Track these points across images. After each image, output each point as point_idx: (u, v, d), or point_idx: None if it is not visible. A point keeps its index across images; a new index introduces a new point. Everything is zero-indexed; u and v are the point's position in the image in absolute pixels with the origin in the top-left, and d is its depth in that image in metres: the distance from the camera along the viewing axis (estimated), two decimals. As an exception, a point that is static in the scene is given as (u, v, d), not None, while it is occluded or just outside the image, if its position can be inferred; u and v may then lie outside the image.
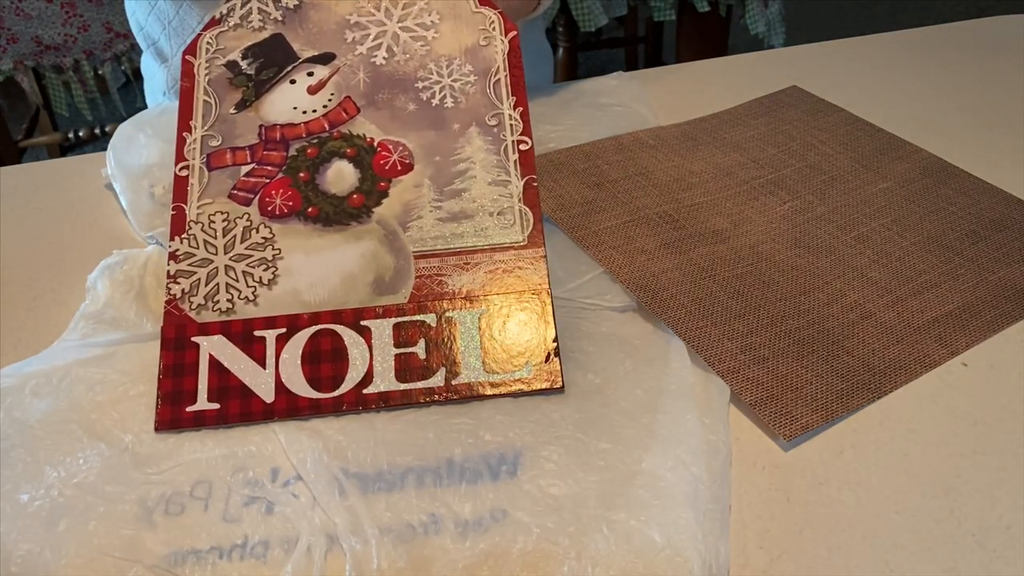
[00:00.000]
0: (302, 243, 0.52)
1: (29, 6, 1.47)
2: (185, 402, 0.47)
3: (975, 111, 0.79)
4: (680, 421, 0.47)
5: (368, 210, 0.53)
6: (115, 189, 0.68)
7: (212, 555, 0.41)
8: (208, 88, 0.57)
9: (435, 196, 0.53)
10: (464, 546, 0.41)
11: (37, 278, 0.61)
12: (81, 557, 0.40)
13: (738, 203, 0.65)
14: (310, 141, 0.55)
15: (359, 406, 0.47)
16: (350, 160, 0.54)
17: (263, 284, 0.51)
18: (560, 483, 0.44)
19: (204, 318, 0.50)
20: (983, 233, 0.62)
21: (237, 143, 0.55)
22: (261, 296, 0.50)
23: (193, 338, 0.49)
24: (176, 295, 0.50)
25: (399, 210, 0.53)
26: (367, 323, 0.50)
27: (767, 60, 0.89)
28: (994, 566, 0.41)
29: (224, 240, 0.52)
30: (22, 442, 0.45)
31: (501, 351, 0.49)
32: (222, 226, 0.52)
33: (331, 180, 0.54)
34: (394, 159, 0.54)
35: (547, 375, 0.49)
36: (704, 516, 0.42)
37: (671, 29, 1.79)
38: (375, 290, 0.51)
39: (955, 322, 0.54)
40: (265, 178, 0.54)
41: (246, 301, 0.50)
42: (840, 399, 0.49)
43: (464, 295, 0.51)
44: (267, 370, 0.48)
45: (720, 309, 0.55)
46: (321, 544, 0.41)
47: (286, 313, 0.50)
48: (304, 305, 0.50)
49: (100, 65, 1.60)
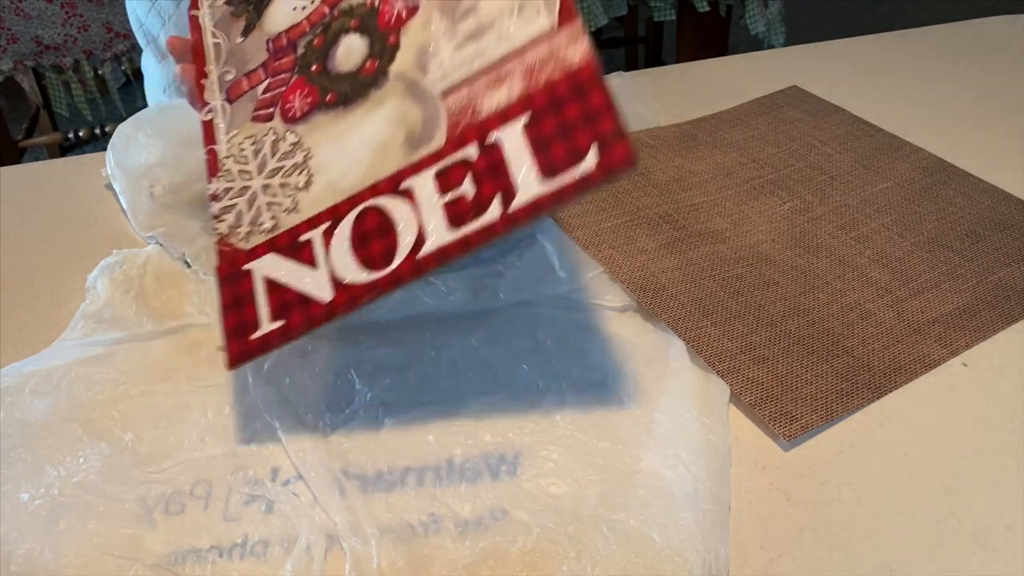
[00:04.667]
0: (328, 133, 0.50)
1: (29, 6, 1.47)
2: (249, 331, 0.46)
3: (975, 111, 0.79)
4: (680, 421, 0.47)
5: (383, 72, 0.49)
6: (115, 189, 0.68)
7: (212, 554, 0.41)
8: (215, 31, 0.56)
9: (447, 24, 0.48)
10: (464, 545, 0.41)
11: (37, 278, 0.61)
12: (81, 556, 0.41)
13: (738, 203, 0.65)
14: (315, 32, 0.53)
15: (417, 274, 0.43)
16: (356, 32, 0.52)
17: (300, 189, 0.48)
18: (560, 482, 0.44)
19: (253, 242, 0.48)
20: (983, 233, 0.62)
21: (250, 67, 0.54)
22: (301, 200, 0.48)
23: (244, 267, 0.48)
24: (223, 232, 0.49)
25: (414, 57, 0.48)
26: (407, 184, 0.45)
27: (767, 60, 0.89)
28: (994, 566, 0.41)
29: (256, 163, 0.51)
30: (22, 441, 0.46)
31: (554, 152, 0.41)
32: (251, 150, 0.51)
33: (341, 59, 0.51)
34: (398, 8, 0.50)
35: (612, 159, 0.40)
36: (703, 516, 0.42)
37: (671, 29, 1.79)
38: (409, 147, 0.46)
39: (955, 322, 0.54)
40: (282, 87, 0.52)
41: (288, 211, 0.48)
42: (840, 399, 0.49)
43: (504, 112, 0.44)
44: (319, 269, 0.46)
45: (720, 309, 0.55)
46: (321, 543, 0.41)
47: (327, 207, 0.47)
48: (345, 192, 0.47)
49: (100, 65, 1.60)
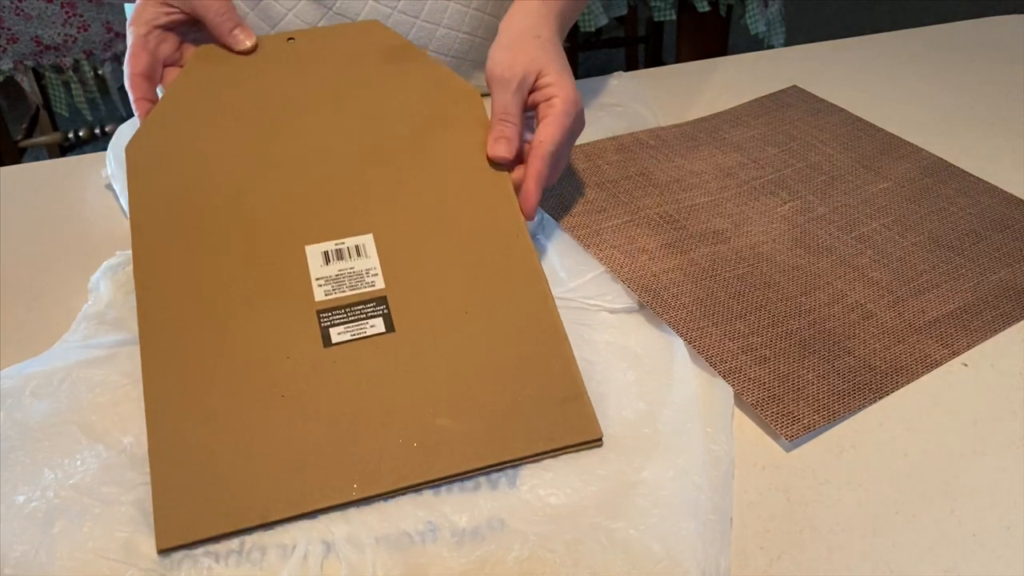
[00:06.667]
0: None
1: (29, 6, 1.47)
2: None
3: (975, 111, 0.79)
4: (682, 430, 0.46)
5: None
6: (115, 190, 0.67)
7: (207, 559, 0.40)
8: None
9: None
10: (460, 554, 0.40)
11: (37, 278, 0.61)
12: (76, 559, 0.40)
13: (739, 203, 0.65)
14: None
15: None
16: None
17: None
18: (559, 492, 0.43)
19: None
20: (984, 233, 0.62)
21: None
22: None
23: None
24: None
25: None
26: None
27: (767, 60, 0.89)
28: (994, 566, 0.41)
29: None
30: (21, 443, 0.45)
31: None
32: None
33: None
34: None
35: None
36: (704, 527, 0.41)
37: (671, 29, 1.79)
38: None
39: (956, 322, 0.54)
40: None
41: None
42: (842, 399, 0.49)
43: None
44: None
45: (721, 309, 0.55)
46: (318, 551, 0.41)
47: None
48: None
49: (100, 65, 1.60)
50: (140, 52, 0.58)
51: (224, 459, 0.43)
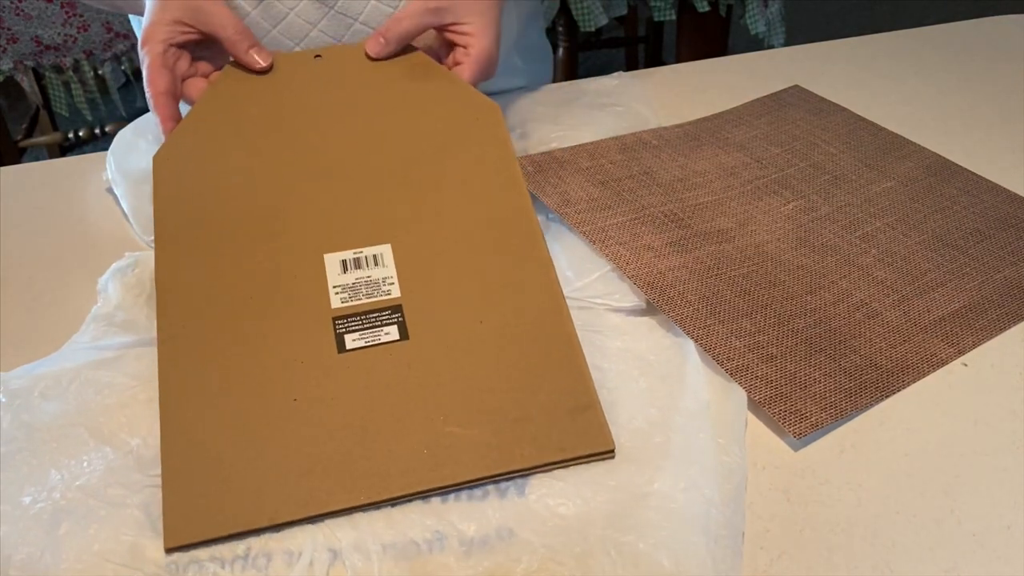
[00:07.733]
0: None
1: (29, 6, 1.46)
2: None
3: (976, 110, 0.79)
4: (694, 441, 0.45)
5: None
6: (116, 194, 0.67)
7: (213, 565, 0.40)
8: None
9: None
10: (467, 564, 0.40)
11: (37, 278, 0.61)
12: (81, 562, 0.40)
13: (743, 203, 0.65)
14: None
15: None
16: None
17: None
18: (568, 503, 0.42)
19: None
20: (988, 231, 0.62)
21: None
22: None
23: None
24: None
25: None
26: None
27: (767, 60, 0.89)
28: (994, 566, 0.41)
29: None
30: (28, 445, 0.45)
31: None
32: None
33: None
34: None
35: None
36: (715, 542, 0.40)
37: (671, 29, 1.78)
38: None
39: (961, 321, 0.54)
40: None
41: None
42: (849, 397, 0.49)
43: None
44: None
45: (727, 307, 0.55)
46: (324, 558, 0.40)
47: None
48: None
49: (100, 65, 1.60)
50: (160, 70, 0.58)
51: (234, 460, 0.43)
